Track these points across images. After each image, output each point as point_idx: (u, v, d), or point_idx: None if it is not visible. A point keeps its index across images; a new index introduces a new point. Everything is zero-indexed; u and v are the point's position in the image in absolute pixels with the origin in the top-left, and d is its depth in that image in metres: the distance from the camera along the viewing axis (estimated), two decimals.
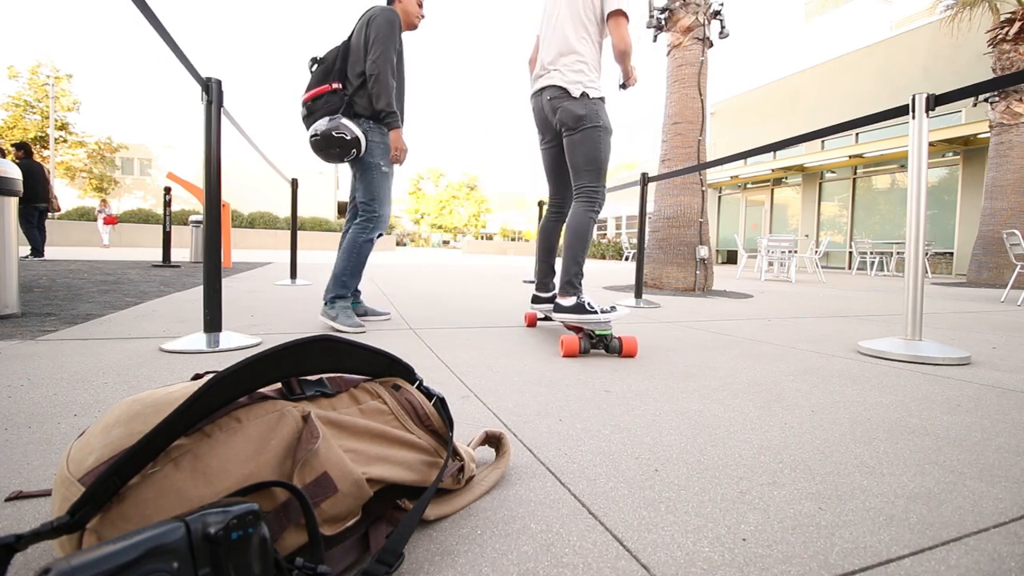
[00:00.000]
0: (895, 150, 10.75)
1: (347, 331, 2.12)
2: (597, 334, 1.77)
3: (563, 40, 1.99)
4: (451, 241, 46.08)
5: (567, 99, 1.96)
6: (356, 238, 2.21)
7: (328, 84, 2.13)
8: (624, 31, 1.95)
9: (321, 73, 2.17)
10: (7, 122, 21.65)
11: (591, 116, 1.95)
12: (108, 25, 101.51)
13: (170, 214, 6.83)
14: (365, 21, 2.16)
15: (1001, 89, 6.57)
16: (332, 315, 2.17)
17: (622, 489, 0.76)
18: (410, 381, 0.73)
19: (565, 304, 1.89)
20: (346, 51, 2.20)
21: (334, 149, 2.09)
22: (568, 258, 1.96)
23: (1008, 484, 0.80)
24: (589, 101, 1.95)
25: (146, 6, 1.49)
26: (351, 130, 2.09)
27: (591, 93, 1.96)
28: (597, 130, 1.95)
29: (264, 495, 0.49)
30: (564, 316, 1.89)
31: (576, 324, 1.85)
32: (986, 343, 2.24)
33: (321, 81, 2.15)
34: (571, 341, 1.72)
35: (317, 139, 2.08)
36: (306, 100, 2.16)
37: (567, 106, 1.96)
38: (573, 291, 1.91)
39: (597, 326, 1.78)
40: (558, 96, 1.98)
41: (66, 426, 0.96)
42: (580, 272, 1.94)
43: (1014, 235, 4.90)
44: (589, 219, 1.98)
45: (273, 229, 20.47)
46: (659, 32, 5.11)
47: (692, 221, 4.81)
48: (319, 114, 2.12)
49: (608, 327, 1.78)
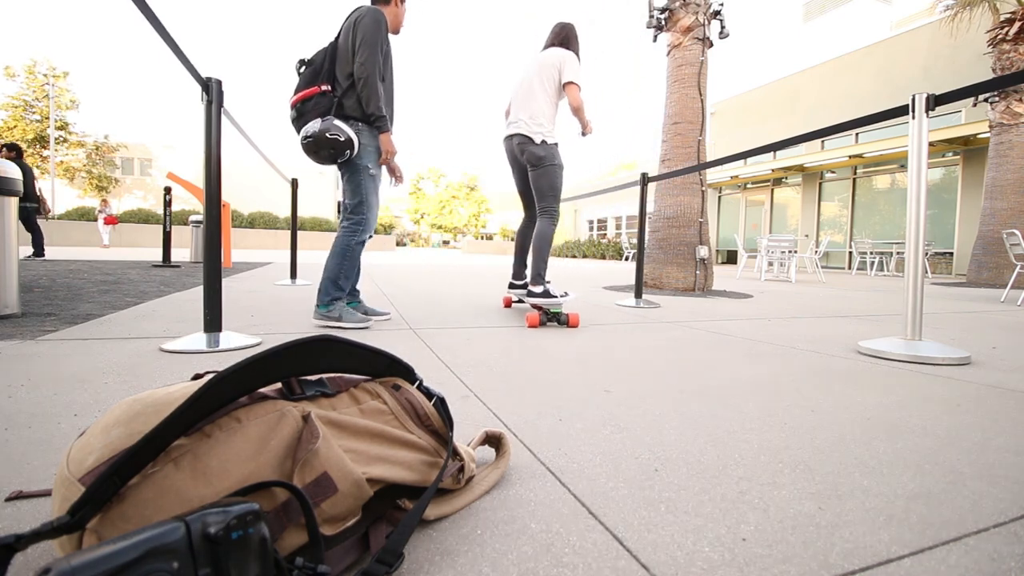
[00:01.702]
0: (895, 150, 10.74)
1: (354, 327, 2.15)
2: (552, 312, 2.42)
3: (531, 101, 2.61)
4: (451, 241, 46.07)
5: (531, 144, 2.60)
6: (347, 241, 2.21)
7: (317, 86, 2.11)
8: (575, 95, 2.57)
9: (310, 75, 2.13)
10: (7, 122, 21.65)
11: (549, 157, 2.60)
12: (108, 25, 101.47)
13: (170, 214, 6.82)
14: (352, 22, 2.13)
15: (1001, 89, 6.57)
16: (334, 315, 2.17)
17: (622, 489, 0.76)
18: (410, 381, 0.73)
19: (535, 291, 2.52)
20: (334, 52, 2.16)
21: (327, 151, 2.07)
22: (537, 257, 2.60)
23: (1008, 484, 0.80)
24: (547, 145, 2.60)
25: (146, 6, 1.49)
26: (344, 131, 2.07)
27: (548, 140, 2.61)
28: (554, 167, 2.61)
29: (264, 495, 0.49)
30: (534, 300, 2.50)
31: (539, 305, 2.47)
32: (986, 343, 2.24)
33: (310, 83, 2.12)
34: (533, 316, 2.37)
35: (310, 141, 2.06)
36: (295, 102, 2.13)
37: (531, 149, 2.60)
38: (540, 281, 2.55)
39: (555, 306, 2.45)
40: (524, 141, 2.62)
41: (66, 426, 0.96)
42: (545, 267, 2.60)
43: (1014, 235, 4.89)
44: (551, 229, 2.63)
45: (273, 229, 20.48)
46: (659, 32, 5.11)
47: (692, 221, 4.81)
48: (309, 116, 2.09)
49: (560, 307, 2.47)
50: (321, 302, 2.19)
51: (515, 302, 3.13)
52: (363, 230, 2.23)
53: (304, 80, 2.13)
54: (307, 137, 2.06)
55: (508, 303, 3.08)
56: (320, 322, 2.19)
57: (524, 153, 2.64)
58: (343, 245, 2.21)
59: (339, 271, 2.19)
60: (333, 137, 2.05)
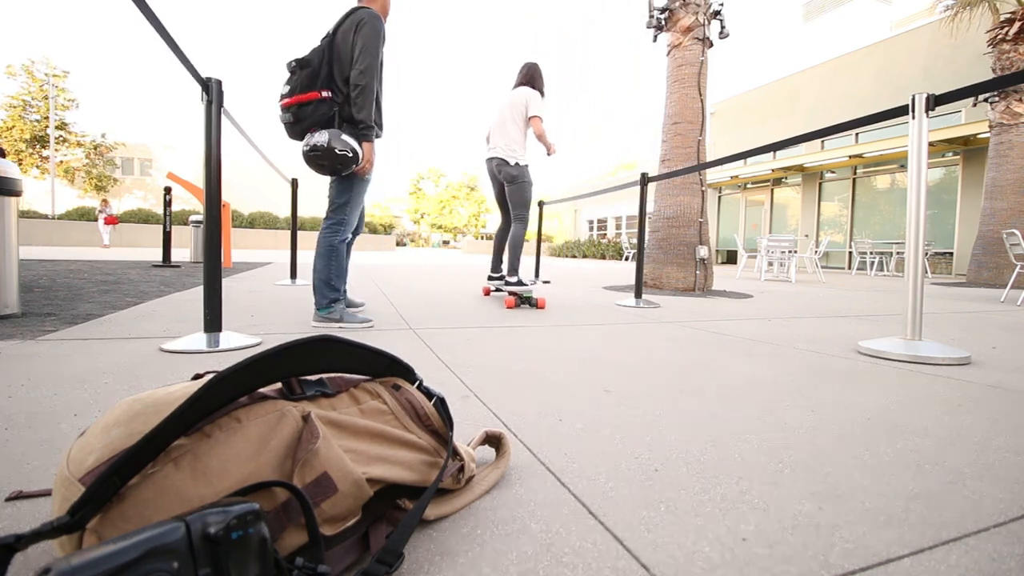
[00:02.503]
0: (895, 150, 10.74)
1: (356, 327, 2.19)
2: (524, 297, 3.14)
3: (505, 132, 3.30)
4: (451, 241, 46.04)
5: (507, 165, 3.30)
6: (330, 240, 2.20)
7: (316, 91, 2.05)
8: (538, 126, 3.24)
9: (307, 77, 2.05)
10: (5, 122, 21.64)
11: (521, 175, 3.30)
12: (108, 25, 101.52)
13: (170, 214, 6.83)
14: (353, 25, 2.10)
15: (1001, 89, 6.57)
16: (335, 318, 2.19)
17: (622, 489, 0.76)
18: (410, 381, 0.73)
19: (511, 280, 3.21)
20: (331, 54, 2.11)
21: (334, 165, 2.06)
22: (512, 255, 3.33)
23: (1008, 484, 0.80)
24: (520, 166, 3.30)
25: (146, 6, 1.49)
26: (351, 146, 2.05)
27: (520, 162, 3.31)
28: (525, 183, 3.32)
29: (264, 495, 0.49)
30: (510, 288, 3.18)
31: (514, 292, 3.16)
32: (986, 343, 2.24)
33: (308, 87, 2.05)
34: (510, 300, 3.10)
35: (318, 154, 2.02)
36: (289, 104, 2.04)
37: (507, 169, 3.30)
38: (515, 273, 3.27)
39: (526, 292, 3.14)
40: (501, 163, 3.32)
41: (66, 426, 0.96)
42: (519, 262, 3.31)
43: (1014, 235, 4.89)
44: (523, 231, 3.36)
45: (273, 229, 20.48)
46: (659, 32, 5.10)
47: (692, 221, 4.81)
48: (307, 122, 2.05)
49: (531, 292, 3.15)
50: (320, 305, 2.19)
51: (493, 291, 3.82)
52: (344, 229, 2.23)
53: (302, 83, 2.05)
54: (315, 149, 2.02)
55: (487, 292, 3.81)
56: (321, 324, 2.19)
57: (501, 172, 3.34)
58: (327, 245, 2.20)
59: (329, 271, 2.18)
60: (342, 153, 2.03)
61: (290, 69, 2.07)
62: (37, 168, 22.53)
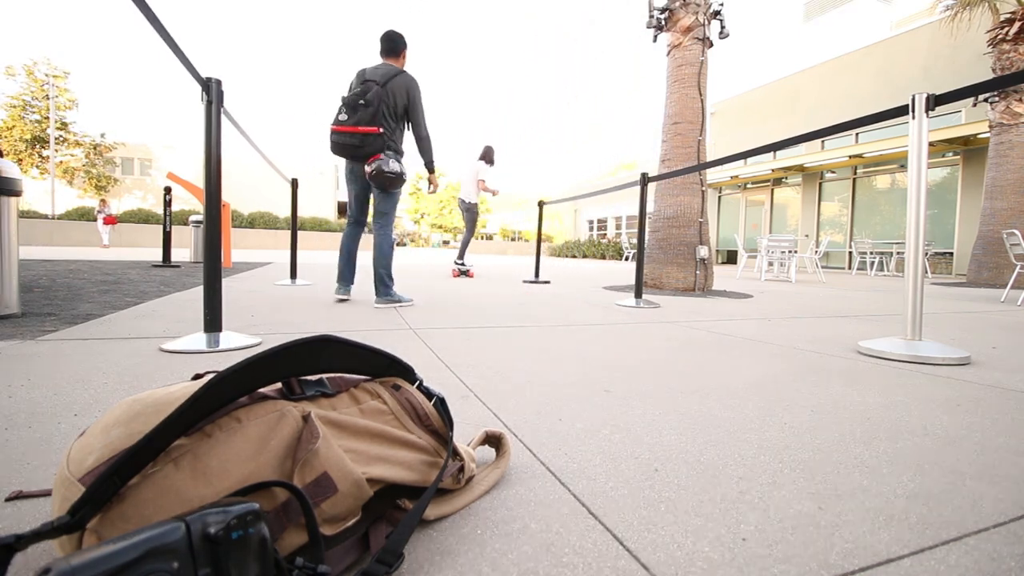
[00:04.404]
0: (895, 150, 10.75)
1: (408, 305, 2.97)
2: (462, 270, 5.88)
3: (468, 186, 6.06)
4: (451, 241, 46.04)
5: (466, 203, 6.02)
6: (386, 239, 3.00)
7: (376, 127, 2.75)
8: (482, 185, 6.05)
9: (369, 115, 2.74)
10: (6, 123, 21.64)
11: (472, 210, 6.02)
12: (108, 25, 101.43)
13: (170, 214, 6.83)
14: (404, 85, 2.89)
15: (1001, 89, 6.56)
16: (396, 299, 2.93)
17: (622, 489, 0.76)
18: (410, 381, 0.73)
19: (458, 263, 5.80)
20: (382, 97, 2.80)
21: (396, 185, 2.86)
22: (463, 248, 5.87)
23: (1008, 484, 0.80)
24: (474, 204, 6.01)
25: (146, 6, 1.49)
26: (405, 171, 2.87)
27: (474, 201, 6.02)
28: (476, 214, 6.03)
29: (264, 495, 0.49)
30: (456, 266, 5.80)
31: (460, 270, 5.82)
32: (986, 343, 2.24)
33: (370, 122, 2.74)
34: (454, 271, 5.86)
35: (393, 177, 2.79)
36: (356, 131, 2.74)
37: (467, 205, 6.03)
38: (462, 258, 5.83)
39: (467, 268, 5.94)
40: (463, 202, 6.03)
41: (66, 426, 0.96)
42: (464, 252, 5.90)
43: (1014, 235, 4.89)
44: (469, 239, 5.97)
45: (273, 229, 20.48)
46: (659, 32, 5.10)
47: (692, 221, 4.81)
48: (369, 148, 2.77)
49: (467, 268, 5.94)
50: (383, 292, 2.92)
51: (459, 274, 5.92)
52: (391, 229, 3.04)
53: (367, 118, 2.73)
54: (391, 173, 2.78)
55: (456, 274, 5.90)
56: (384, 304, 2.90)
57: (467, 209, 6.03)
58: (384, 244, 2.98)
59: (387, 264, 2.95)
60: (403, 176, 2.86)
61: (354, 105, 2.75)
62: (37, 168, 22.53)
